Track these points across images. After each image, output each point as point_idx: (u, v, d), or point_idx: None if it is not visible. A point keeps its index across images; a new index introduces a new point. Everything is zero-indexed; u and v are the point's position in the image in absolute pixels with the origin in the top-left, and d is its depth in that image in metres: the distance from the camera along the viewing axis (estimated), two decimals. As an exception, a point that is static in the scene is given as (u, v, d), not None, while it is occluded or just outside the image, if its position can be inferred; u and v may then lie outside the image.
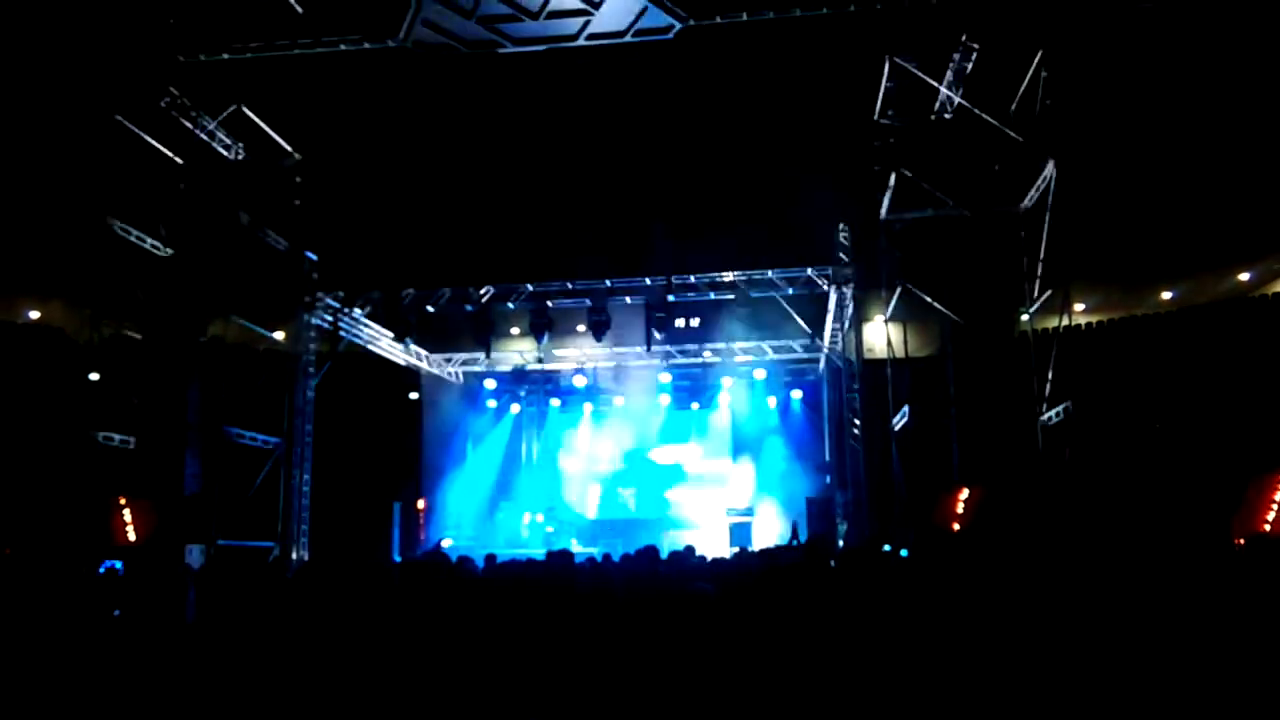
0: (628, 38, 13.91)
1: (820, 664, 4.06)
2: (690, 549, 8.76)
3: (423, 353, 22.14)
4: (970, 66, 14.70)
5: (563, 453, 24.58)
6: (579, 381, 22.39)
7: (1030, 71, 14.53)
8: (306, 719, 3.87)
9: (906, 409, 15.99)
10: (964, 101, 15.11)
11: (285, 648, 4.55)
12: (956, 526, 14.82)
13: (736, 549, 16.63)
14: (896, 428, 16.40)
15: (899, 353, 16.22)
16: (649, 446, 23.81)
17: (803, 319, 19.20)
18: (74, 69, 15.11)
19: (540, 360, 22.43)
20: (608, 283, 18.61)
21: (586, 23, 13.53)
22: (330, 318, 18.57)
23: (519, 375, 23.38)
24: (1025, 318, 16.31)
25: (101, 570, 10.49)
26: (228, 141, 17.02)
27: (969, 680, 4.00)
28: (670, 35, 13.88)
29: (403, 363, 21.75)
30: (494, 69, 15.00)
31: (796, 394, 23.26)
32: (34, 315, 21.56)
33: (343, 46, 14.12)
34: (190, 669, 4.50)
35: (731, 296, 18.74)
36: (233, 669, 4.34)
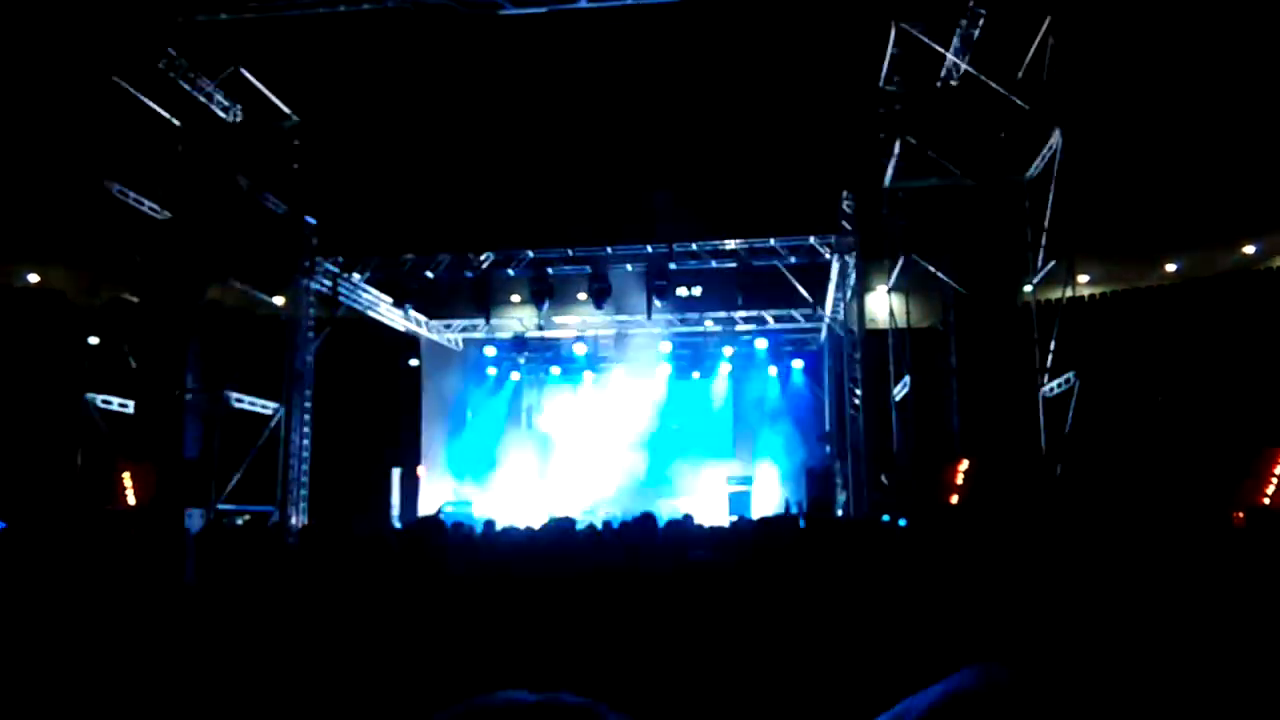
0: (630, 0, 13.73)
1: (819, 633, 4.03)
2: (688, 517, 8.75)
3: (422, 319, 22.07)
4: (977, 33, 14.52)
5: (561, 420, 24.56)
6: (579, 349, 22.34)
7: (1038, 38, 14.34)
8: (302, 683, 3.84)
9: (907, 379, 15.94)
10: (970, 69, 14.93)
11: (284, 610, 4.53)
12: (955, 498, 14.82)
13: (735, 517, 16.65)
14: (897, 398, 16.35)
15: (901, 323, 16.14)
16: (648, 415, 23.78)
17: (805, 288, 19.10)
18: (71, 31, 14.93)
19: (540, 327, 22.35)
20: (608, 250, 18.49)
21: (589, -16, 13.36)
22: (329, 283, 18.48)
23: (519, 342, 23.32)
24: (1028, 289, 16.22)
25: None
26: (226, 104, 16.87)
27: (967, 648, 3.96)
28: (674, -2, 13.71)
29: (402, 329, 21.69)
30: (495, 32, 14.82)
31: (798, 363, 23.21)
32: (33, 279, 21.48)
33: (342, 7, 13.95)
34: (189, 631, 4.49)
35: (734, 265, 18.64)
36: (231, 631, 4.32)
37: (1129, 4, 14.98)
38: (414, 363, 23.11)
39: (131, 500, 15.29)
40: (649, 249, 18.33)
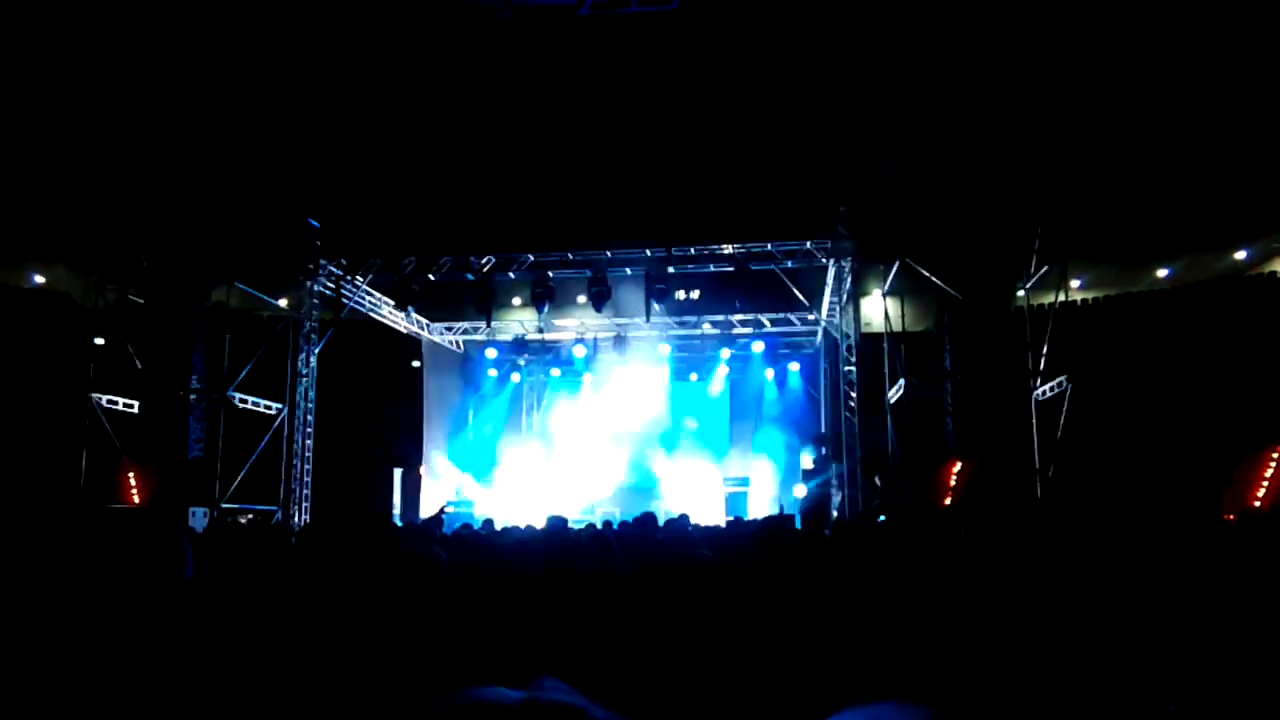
0: (631, 7, 13.92)
1: (819, 631, 4.19)
2: (684, 517, 8.94)
3: (424, 321, 22.27)
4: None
5: (562, 421, 24.73)
6: (579, 352, 22.52)
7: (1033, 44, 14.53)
8: (298, 678, 4.01)
9: (902, 382, 16.14)
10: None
11: (282, 608, 4.67)
12: (949, 499, 15.02)
13: (731, 518, 16.83)
14: (892, 400, 16.55)
15: (896, 326, 16.34)
16: (646, 417, 23.95)
17: (801, 291, 19.29)
18: (77, 32, 15.10)
19: (540, 330, 22.55)
20: (608, 253, 18.70)
21: (590, -7, 13.55)
22: (333, 285, 18.66)
23: (520, 345, 23.51)
24: (1022, 293, 16.42)
25: None
26: (232, 106, 17.01)
27: (962, 651, 4.12)
28: (673, 5, 13.89)
29: (404, 331, 21.87)
30: (497, 37, 14.99)
31: (794, 366, 23.41)
32: (39, 280, 21.65)
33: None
34: (187, 628, 4.62)
35: (731, 268, 18.85)
36: (228, 628, 4.46)
37: (1121, 11, 15.15)
38: (416, 364, 23.30)
39: (136, 499, 15.48)
40: (648, 252, 18.54)
